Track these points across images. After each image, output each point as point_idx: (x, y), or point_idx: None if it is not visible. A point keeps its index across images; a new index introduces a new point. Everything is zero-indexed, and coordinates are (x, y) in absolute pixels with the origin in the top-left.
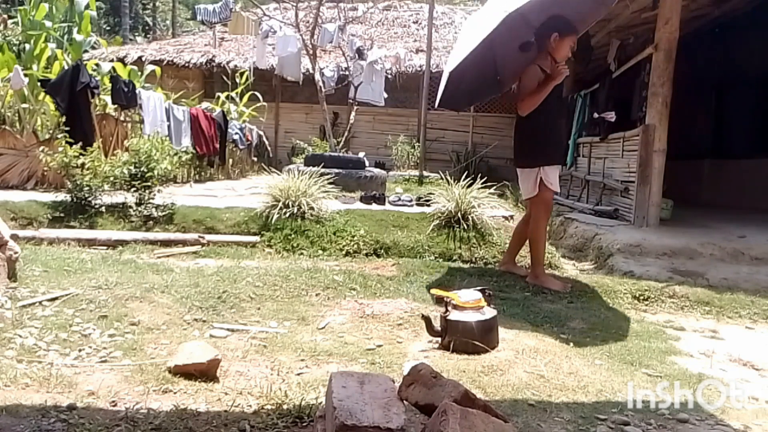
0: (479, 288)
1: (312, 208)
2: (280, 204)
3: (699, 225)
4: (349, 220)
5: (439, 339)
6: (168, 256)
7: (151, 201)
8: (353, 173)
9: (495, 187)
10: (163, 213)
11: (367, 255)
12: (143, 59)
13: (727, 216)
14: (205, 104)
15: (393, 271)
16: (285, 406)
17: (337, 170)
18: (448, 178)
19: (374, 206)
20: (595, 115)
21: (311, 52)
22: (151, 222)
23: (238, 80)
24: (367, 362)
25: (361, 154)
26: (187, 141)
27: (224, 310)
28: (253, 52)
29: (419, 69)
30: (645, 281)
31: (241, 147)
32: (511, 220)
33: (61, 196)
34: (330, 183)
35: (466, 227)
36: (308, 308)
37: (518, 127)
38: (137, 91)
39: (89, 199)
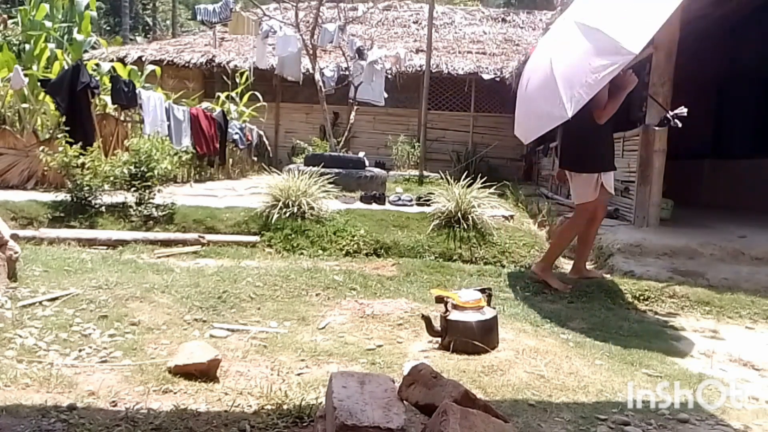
0: (479, 288)
1: (312, 208)
2: (280, 204)
3: (699, 225)
4: (349, 220)
5: (439, 339)
6: (168, 256)
7: (151, 201)
8: (353, 173)
9: (495, 187)
10: (163, 213)
11: (367, 255)
12: (143, 59)
13: (727, 216)
14: (205, 104)
15: (393, 271)
16: (285, 406)
17: (337, 170)
18: (448, 178)
19: (374, 206)
20: (669, 114)
21: (311, 52)
22: (151, 222)
23: (238, 80)
24: (368, 362)
25: (361, 154)
26: (187, 141)
27: (224, 310)
28: (253, 52)
29: (419, 69)
30: (645, 281)
31: (241, 147)
32: (511, 220)
33: (61, 196)
34: (330, 183)
35: (466, 227)
36: (308, 308)
37: (581, 133)
38: (137, 91)
39: (89, 199)
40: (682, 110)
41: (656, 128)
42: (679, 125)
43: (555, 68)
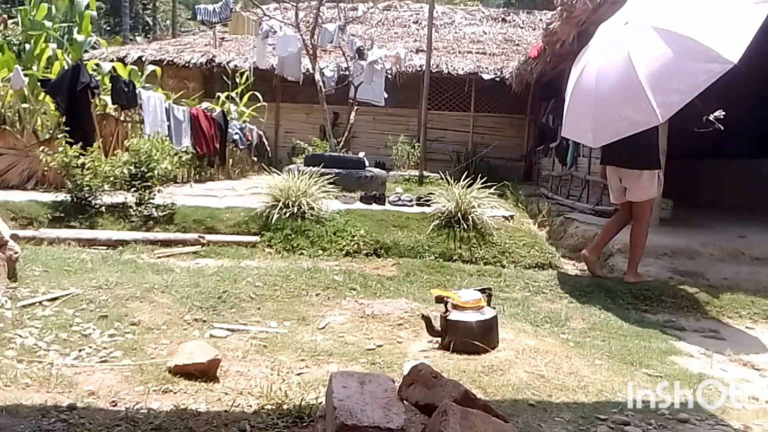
0: (479, 288)
1: (312, 208)
2: (280, 204)
3: (699, 225)
4: (349, 220)
5: (439, 339)
6: (168, 256)
7: (151, 201)
8: (353, 173)
9: (495, 187)
10: (164, 213)
11: (367, 255)
12: (143, 59)
13: (727, 216)
14: (205, 104)
15: (393, 271)
16: (285, 406)
17: (337, 170)
18: (448, 178)
19: (374, 206)
20: (712, 116)
21: (311, 52)
22: (151, 222)
23: (238, 80)
24: (368, 362)
25: (361, 154)
26: (187, 141)
27: (224, 310)
28: (253, 52)
29: (419, 69)
30: (645, 281)
31: (241, 147)
32: (511, 220)
33: (61, 196)
34: (330, 183)
35: (466, 227)
36: (308, 308)
37: (643, 132)
38: (137, 91)
39: (89, 199)
40: (720, 113)
41: (696, 130)
42: (722, 128)
43: (639, 72)
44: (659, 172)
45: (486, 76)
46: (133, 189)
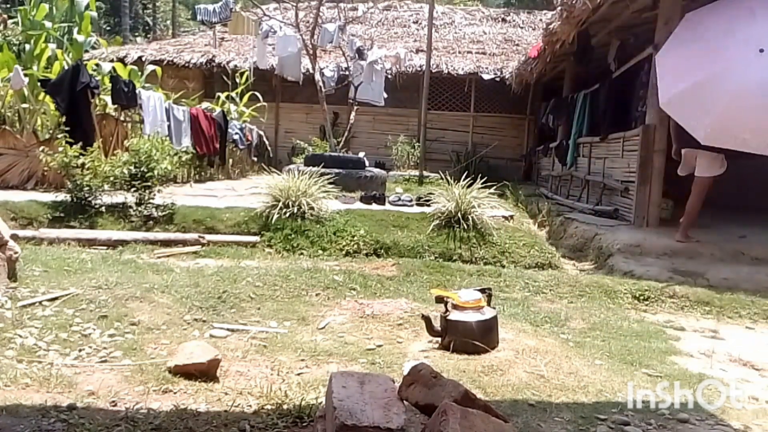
0: (479, 288)
1: (312, 208)
2: (280, 204)
3: (699, 225)
4: (349, 220)
5: (439, 339)
6: (168, 256)
7: (151, 201)
8: (353, 173)
9: (495, 187)
10: (163, 213)
11: (367, 255)
12: (143, 59)
13: (727, 216)
14: (205, 104)
15: (393, 271)
16: (285, 406)
17: (337, 170)
18: (448, 178)
19: (374, 206)
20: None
21: (311, 52)
22: (151, 222)
23: (238, 80)
24: (367, 362)
25: (361, 154)
26: (187, 141)
27: (224, 310)
28: (253, 52)
29: (419, 69)
30: (645, 281)
31: (241, 147)
32: (511, 220)
33: (61, 196)
34: (330, 183)
35: (466, 227)
36: (308, 308)
37: None
38: (137, 91)
39: (89, 199)
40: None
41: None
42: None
43: None
44: (723, 156)
45: (486, 76)
46: (133, 189)
